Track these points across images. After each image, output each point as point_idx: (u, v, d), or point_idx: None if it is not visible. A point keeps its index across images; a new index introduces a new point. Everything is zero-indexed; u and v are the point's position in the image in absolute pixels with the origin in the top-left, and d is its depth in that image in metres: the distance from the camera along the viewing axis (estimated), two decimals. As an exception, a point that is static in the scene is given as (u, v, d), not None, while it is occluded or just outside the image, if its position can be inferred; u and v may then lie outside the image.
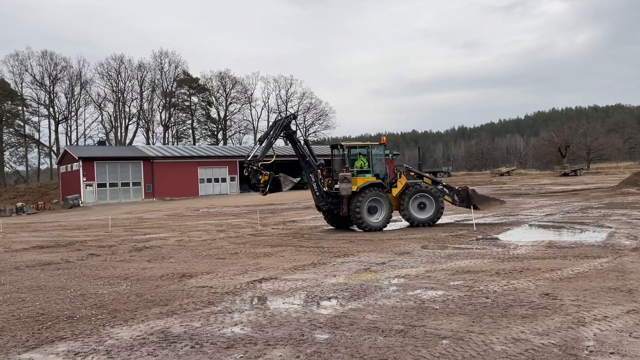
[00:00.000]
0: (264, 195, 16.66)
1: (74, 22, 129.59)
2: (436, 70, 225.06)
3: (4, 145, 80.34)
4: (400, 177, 17.62)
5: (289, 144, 18.03)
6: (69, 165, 56.53)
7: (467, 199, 18.28)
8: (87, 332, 6.39)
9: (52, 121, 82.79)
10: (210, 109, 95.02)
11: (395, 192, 17.36)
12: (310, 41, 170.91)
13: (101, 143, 75.00)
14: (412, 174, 18.08)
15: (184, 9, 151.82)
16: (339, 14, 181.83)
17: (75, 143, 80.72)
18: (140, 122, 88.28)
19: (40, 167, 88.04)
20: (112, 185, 53.56)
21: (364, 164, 17.43)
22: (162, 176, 54.53)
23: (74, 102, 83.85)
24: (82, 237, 19.92)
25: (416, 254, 11.53)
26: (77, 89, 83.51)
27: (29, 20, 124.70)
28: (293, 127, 17.60)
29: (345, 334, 5.85)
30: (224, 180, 58.96)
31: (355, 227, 17.65)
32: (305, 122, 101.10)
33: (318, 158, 18.14)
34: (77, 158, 52.70)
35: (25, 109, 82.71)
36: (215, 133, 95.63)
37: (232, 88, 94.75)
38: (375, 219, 16.70)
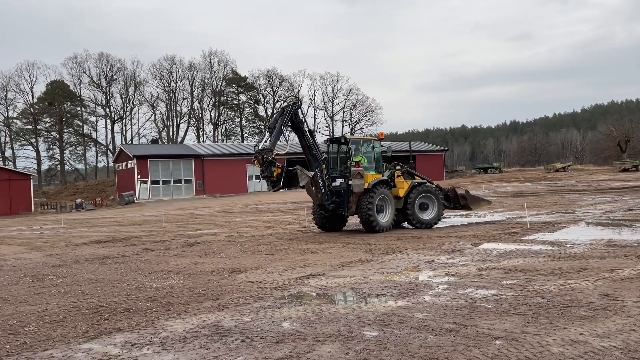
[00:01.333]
0: (275, 190, 14.91)
1: (129, 26, 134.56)
2: (486, 64, 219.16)
3: (64, 144, 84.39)
4: (396, 176, 16.83)
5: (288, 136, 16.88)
6: (125, 163, 58.75)
7: (456, 200, 18.02)
8: (143, 324, 6.61)
9: (108, 121, 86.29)
10: (258, 107, 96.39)
11: (399, 192, 16.51)
12: (357, 38, 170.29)
13: (154, 141, 77.49)
14: (404, 172, 17.28)
15: (233, 10, 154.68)
16: (387, 10, 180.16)
17: (130, 142, 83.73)
18: (191, 120, 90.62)
19: (98, 165, 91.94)
20: (164, 182, 55.29)
21: (364, 159, 16.50)
22: (212, 173, 55.84)
23: (129, 102, 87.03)
24: (137, 232, 20.66)
25: (467, 252, 11.27)
26: (131, 90, 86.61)
27: (87, 24, 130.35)
28: (300, 116, 15.91)
29: (395, 331, 5.79)
30: (269, 177, 59.53)
31: (355, 229, 16.62)
32: (352, 119, 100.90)
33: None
34: (131, 156, 54.72)
35: (83, 109, 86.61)
36: (263, 131, 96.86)
37: (279, 86, 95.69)
38: (383, 219, 15.84)
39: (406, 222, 17.09)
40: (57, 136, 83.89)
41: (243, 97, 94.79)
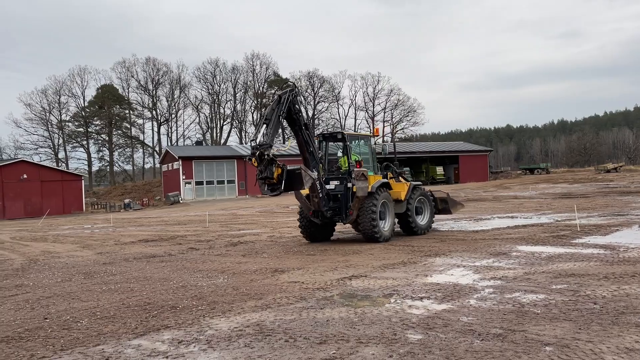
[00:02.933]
0: (274, 195, 12.35)
1: (176, 31, 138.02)
2: (532, 62, 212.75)
3: (113, 146, 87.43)
4: (389, 178, 15.27)
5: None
6: (170, 164, 60.34)
7: (435, 203, 16.71)
8: (189, 322, 6.76)
9: (154, 123, 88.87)
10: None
11: (400, 194, 14.92)
12: (399, 39, 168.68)
13: (198, 143, 79.29)
14: (401, 173, 16.08)
15: (276, 14, 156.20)
16: (429, 11, 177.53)
17: (176, 143, 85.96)
18: (234, 122, 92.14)
19: (145, 166, 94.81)
20: (208, 182, 56.47)
21: (358, 158, 14.64)
22: (254, 174, 56.48)
23: (174, 105, 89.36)
24: (182, 231, 21.17)
25: (513, 255, 10.97)
26: (176, 93, 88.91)
27: (136, 31, 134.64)
28: (297, 106, 13.56)
29: (439, 335, 5.69)
30: (312, 178, 59.81)
31: (350, 237, 14.86)
32: (393, 119, 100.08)
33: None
34: (177, 157, 56.13)
35: (131, 112, 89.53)
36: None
37: (319, 87, 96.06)
38: (384, 226, 14.05)
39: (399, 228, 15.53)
40: (107, 138, 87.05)
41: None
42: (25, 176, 51.45)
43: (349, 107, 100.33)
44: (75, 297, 8.80)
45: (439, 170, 70.41)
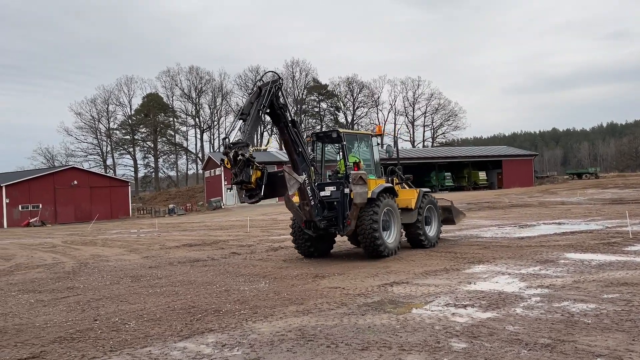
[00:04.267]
0: (253, 202, 10.57)
1: (219, 41, 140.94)
2: (578, 64, 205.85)
3: (158, 152, 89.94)
4: (395, 183, 13.72)
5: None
6: (212, 171, 61.53)
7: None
8: (232, 326, 6.86)
9: (197, 130, 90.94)
10: (338, 113, 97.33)
11: (410, 202, 13.47)
12: (440, 44, 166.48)
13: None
14: (408, 179, 14.57)
15: (316, 22, 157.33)
16: (470, 15, 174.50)
17: (218, 150, 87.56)
18: (274, 129, 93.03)
19: (188, 172, 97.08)
20: (249, 188, 57.09)
21: (360, 161, 13.01)
22: (294, 180, 56.85)
23: (216, 112, 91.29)
24: (225, 236, 21.52)
25: (561, 263, 10.62)
26: (218, 100, 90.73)
27: (181, 41, 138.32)
28: (282, 100, 11.60)
29: (484, 344, 5.57)
30: (352, 183, 59.67)
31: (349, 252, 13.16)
32: (433, 124, 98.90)
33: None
34: (219, 164, 57.15)
35: (175, 119, 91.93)
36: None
37: (359, 92, 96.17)
38: (389, 238, 12.41)
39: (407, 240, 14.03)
40: (152, 145, 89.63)
41: (324, 105, 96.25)
42: (75, 182, 53.60)
43: (389, 112, 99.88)
44: (123, 300, 9.07)
45: (482, 175, 68.97)
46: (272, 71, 12.18)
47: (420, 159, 68.42)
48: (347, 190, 11.97)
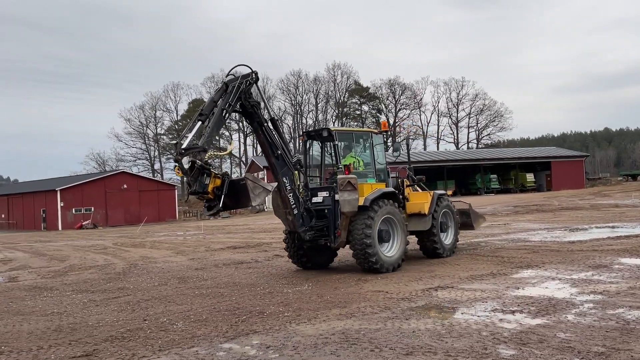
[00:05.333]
0: (211, 215, 9.61)
1: (262, 47, 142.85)
2: (631, 61, 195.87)
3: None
4: (405, 186, 12.46)
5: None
6: (256, 174, 62.32)
7: None
8: (276, 328, 6.92)
9: (241, 134, 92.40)
10: (380, 116, 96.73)
11: (422, 207, 12.10)
12: (485, 44, 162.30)
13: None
14: (419, 180, 13.21)
15: (358, 25, 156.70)
16: (516, 14, 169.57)
17: (260, 154, 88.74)
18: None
19: (232, 176, 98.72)
20: (291, 191, 57.56)
21: (359, 162, 11.75)
22: (336, 183, 56.94)
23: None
24: (268, 239, 21.76)
25: (615, 268, 10.17)
26: (261, 105, 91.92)
27: (226, 48, 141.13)
28: (255, 97, 10.69)
29: (534, 351, 5.39)
30: (395, 186, 59.22)
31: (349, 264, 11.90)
32: (478, 125, 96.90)
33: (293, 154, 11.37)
34: (262, 167, 57.97)
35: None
36: (385, 140, 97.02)
37: (401, 94, 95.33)
38: (388, 251, 11.05)
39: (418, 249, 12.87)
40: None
41: (365, 107, 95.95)
42: (125, 186, 55.51)
43: (432, 114, 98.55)
44: (171, 301, 9.31)
45: (529, 177, 66.97)
46: (243, 64, 10.41)
47: (465, 160, 67.12)
48: (337, 197, 10.71)
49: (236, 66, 10.26)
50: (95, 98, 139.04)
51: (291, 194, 10.59)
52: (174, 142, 9.05)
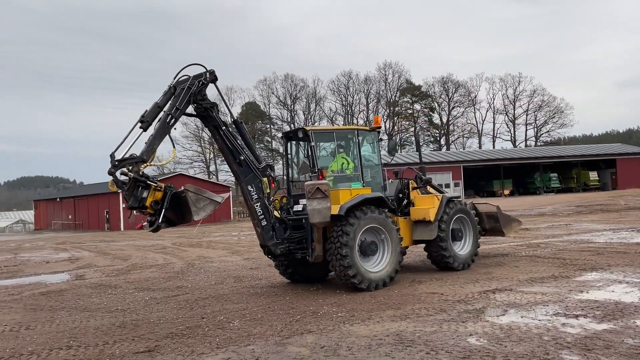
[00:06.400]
0: (151, 231, 8.56)
1: (313, 49, 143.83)
2: None
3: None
4: (411, 189, 11.34)
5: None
6: (307, 175, 62.75)
7: (479, 221, 12.36)
8: (330, 328, 6.94)
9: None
10: (433, 114, 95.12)
11: (428, 213, 10.75)
12: (543, 38, 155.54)
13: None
14: (427, 181, 11.67)
15: (410, 24, 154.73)
16: (575, 7, 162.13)
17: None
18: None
19: (284, 176, 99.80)
20: (343, 192, 57.51)
21: (347, 163, 10.64)
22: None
23: (311, 118, 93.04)
24: (320, 240, 21.83)
25: (690, 271, 9.54)
26: (312, 106, 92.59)
27: (279, 50, 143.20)
28: (209, 98, 9.58)
29: (600, 357, 5.14)
30: (447, 186, 58.13)
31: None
32: (537, 122, 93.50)
33: (262, 158, 10.24)
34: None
35: (272, 126, 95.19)
36: (438, 139, 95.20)
37: (454, 92, 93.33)
38: (374, 267, 9.71)
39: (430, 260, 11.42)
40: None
41: (417, 106, 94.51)
42: (183, 188, 57.18)
43: (487, 111, 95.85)
44: (227, 299, 9.53)
45: (592, 175, 63.92)
46: (197, 64, 9.34)
47: (523, 159, 64.91)
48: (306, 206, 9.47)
49: (187, 66, 9.21)
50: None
51: (258, 204, 9.56)
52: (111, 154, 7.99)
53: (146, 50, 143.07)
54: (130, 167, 8.09)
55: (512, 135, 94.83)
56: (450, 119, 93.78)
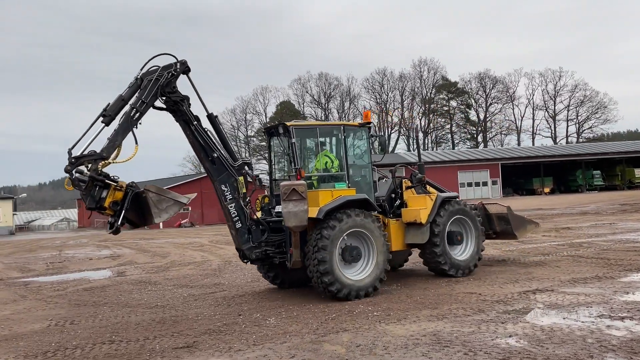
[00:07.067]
0: (113, 233, 8.00)
1: (348, 48, 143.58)
2: None
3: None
4: (404, 188, 10.60)
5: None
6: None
7: (489, 223, 11.73)
8: (366, 327, 6.91)
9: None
10: (469, 111, 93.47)
11: (419, 215, 9.87)
12: (585, 32, 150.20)
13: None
14: (421, 180, 10.74)
15: (447, 19, 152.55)
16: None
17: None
18: (401, 130, 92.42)
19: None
20: (378, 190, 57.31)
21: (331, 162, 9.85)
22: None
23: (345, 116, 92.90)
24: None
25: None
26: (346, 104, 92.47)
27: (312, 50, 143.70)
28: (179, 91, 8.87)
29: (648, 362, 4.95)
30: (485, 184, 57.16)
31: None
32: (578, 117, 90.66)
33: (240, 155, 9.17)
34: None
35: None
36: (475, 136, 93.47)
37: (492, 88, 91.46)
38: (356, 275, 9.01)
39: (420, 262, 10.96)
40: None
41: (453, 103, 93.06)
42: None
43: (526, 107, 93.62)
44: (263, 297, 9.62)
45: (638, 172, 61.54)
46: (167, 53, 8.74)
47: (564, 156, 63.05)
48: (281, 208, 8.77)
49: (156, 56, 8.55)
50: (196, 104, 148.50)
51: (232, 204, 8.99)
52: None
53: (182, 53, 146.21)
54: (88, 165, 7.63)
55: (553, 131, 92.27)
56: (487, 115, 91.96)
